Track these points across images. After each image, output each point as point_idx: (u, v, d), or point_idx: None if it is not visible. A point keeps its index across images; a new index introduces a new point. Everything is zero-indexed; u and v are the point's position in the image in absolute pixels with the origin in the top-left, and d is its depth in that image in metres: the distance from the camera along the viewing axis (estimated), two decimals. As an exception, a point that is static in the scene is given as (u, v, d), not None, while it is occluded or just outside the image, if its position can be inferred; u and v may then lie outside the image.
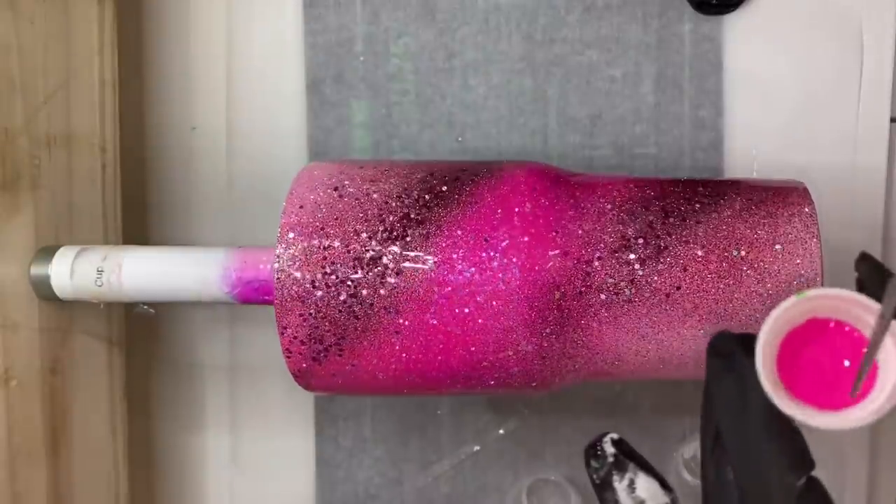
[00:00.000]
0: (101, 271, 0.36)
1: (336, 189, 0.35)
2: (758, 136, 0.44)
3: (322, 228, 0.34)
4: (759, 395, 0.26)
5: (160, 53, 0.46)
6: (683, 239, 0.34)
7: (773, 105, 0.44)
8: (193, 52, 0.46)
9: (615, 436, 0.32)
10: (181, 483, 0.48)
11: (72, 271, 0.36)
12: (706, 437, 0.27)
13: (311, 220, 0.34)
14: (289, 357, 0.34)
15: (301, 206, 0.34)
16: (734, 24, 0.44)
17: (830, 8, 0.43)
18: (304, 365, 0.35)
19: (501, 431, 0.46)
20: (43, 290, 0.36)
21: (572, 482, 0.46)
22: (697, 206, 0.35)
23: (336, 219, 0.34)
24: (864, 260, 0.29)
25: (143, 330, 0.47)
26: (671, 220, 0.34)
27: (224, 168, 0.46)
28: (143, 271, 0.36)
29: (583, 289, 0.34)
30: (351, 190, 0.35)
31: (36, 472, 0.37)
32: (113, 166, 0.42)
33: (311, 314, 0.33)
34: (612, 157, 0.44)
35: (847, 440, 0.45)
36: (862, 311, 0.27)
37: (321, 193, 0.35)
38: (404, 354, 0.34)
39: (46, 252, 0.37)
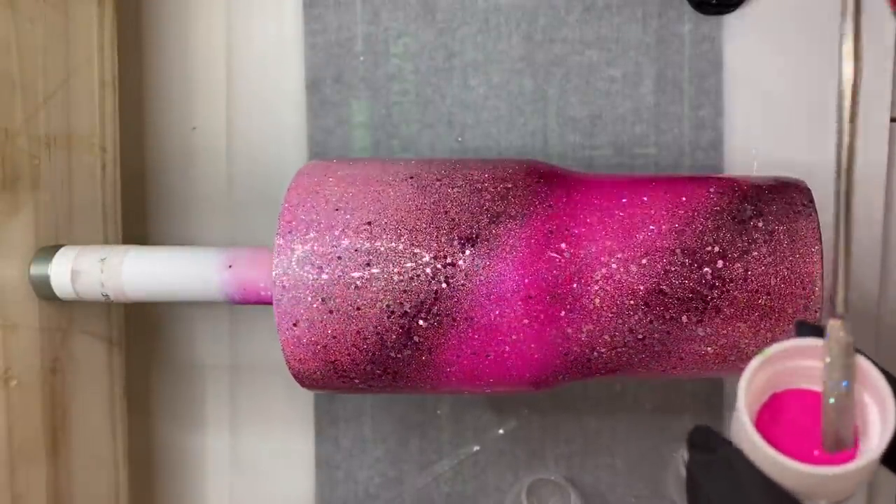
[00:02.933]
0: (101, 271, 0.36)
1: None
2: (758, 136, 0.44)
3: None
4: (754, 477, 0.25)
5: (160, 53, 0.46)
6: (684, 337, 0.34)
7: (773, 105, 0.44)
8: (193, 52, 0.46)
9: None
10: (181, 483, 0.48)
11: (72, 271, 0.36)
12: None
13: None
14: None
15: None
16: (734, 24, 0.44)
17: (830, 8, 0.43)
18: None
19: (501, 431, 0.46)
20: (43, 290, 0.36)
21: (572, 482, 0.46)
22: (700, 304, 0.33)
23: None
24: (802, 325, 0.28)
25: (143, 330, 0.47)
26: (672, 320, 0.33)
27: (224, 168, 0.46)
28: (142, 271, 0.36)
29: (585, 370, 0.35)
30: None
31: (36, 471, 0.37)
32: (113, 166, 0.42)
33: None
34: (612, 157, 0.44)
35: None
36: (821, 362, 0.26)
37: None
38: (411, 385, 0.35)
39: (46, 252, 0.37)
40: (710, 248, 0.33)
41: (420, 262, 0.33)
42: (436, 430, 0.46)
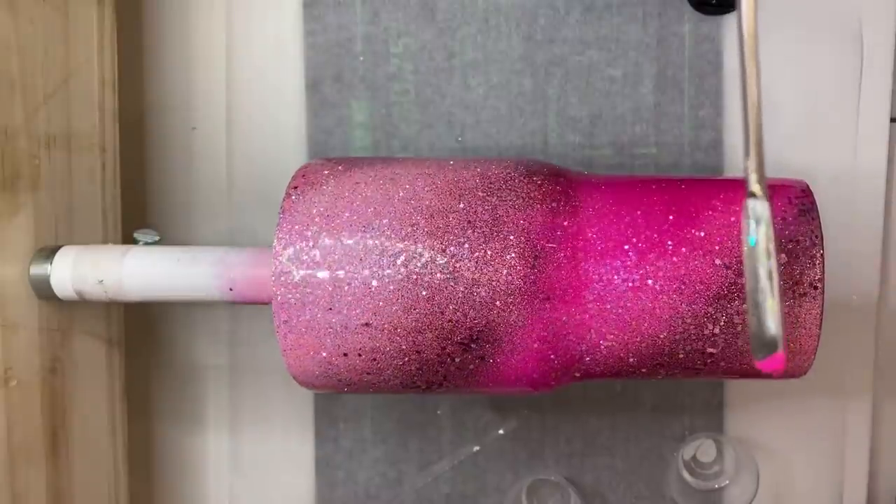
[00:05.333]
0: (101, 271, 0.36)
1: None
2: (758, 136, 0.44)
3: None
4: None
5: (160, 54, 0.46)
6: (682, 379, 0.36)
7: (773, 105, 0.44)
8: (193, 52, 0.46)
9: None
10: (181, 484, 0.48)
11: (72, 271, 0.36)
12: None
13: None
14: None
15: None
16: (734, 24, 0.44)
17: (830, 8, 0.43)
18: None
19: (501, 431, 0.46)
20: (43, 290, 0.36)
21: (572, 482, 0.46)
22: (696, 370, 0.35)
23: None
24: None
25: (143, 330, 0.47)
26: (670, 377, 0.36)
27: (224, 168, 0.46)
28: (142, 271, 0.36)
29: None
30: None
31: (36, 472, 0.37)
32: (113, 166, 0.42)
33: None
34: (612, 157, 0.44)
35: (848, 437, 0.45)
36: None
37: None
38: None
39: (46, 252, 0.37)
40: (707, 331, 0.33)
41: (422, 358, 0.34)
42: (436, 430, 0.46)
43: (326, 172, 0.35)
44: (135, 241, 0.39)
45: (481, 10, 0.44)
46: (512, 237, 0.33)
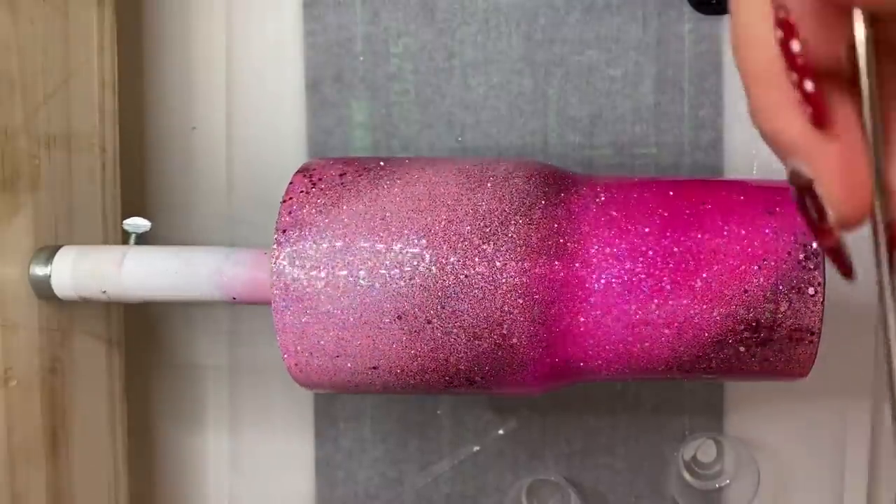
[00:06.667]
0: (101, 271, 0.36)
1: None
2: (758, 136, 0.44)
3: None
4: None
5: (160, 54, 0.46)
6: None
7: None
8: (193, 53, 0.46)
9: None
10: (181, 484, 0.48)
11: (72, 271, 0.36)
12: None
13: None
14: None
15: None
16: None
17: (830, 8, 0.43)
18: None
19: (501, 431, 0.46)
20: (43, 290, 0.36)
21: (572, 482, 0.46)
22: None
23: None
24: None
25: (142, 330, 0.47)
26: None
27: (224, 168, 0.46)
28: (142, 271, 0.36)
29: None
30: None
31: (36, 472, 0.37)
32: (113, 166, 0.42)
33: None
34: (612, 157, 0.44)
35: (847, 444, 0.45)
36: None
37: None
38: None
39: (46, 252, 0.37)
40: (703, 365, 0.34)
41: (429, 387, 0.35)
42: (436, 430, 0.46)
43: (314, 212, 0.34)
44: (125, 233, 0.39)
45: (481, 10, 0.44)
46: (512, 294, 0.32)
